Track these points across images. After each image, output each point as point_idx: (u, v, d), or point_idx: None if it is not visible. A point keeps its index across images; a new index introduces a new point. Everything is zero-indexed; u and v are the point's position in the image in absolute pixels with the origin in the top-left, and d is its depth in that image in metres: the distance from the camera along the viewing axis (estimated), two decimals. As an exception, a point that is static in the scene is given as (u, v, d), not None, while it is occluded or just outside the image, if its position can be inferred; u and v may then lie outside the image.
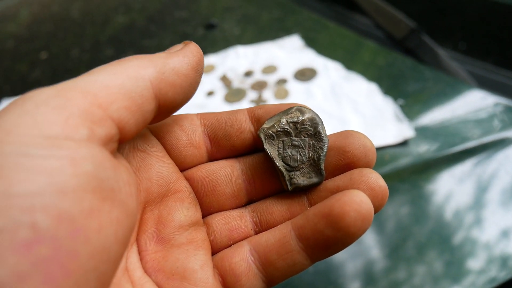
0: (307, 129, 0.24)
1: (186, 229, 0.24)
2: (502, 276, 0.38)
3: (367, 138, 0.23)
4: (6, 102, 0.72)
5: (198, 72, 0.22)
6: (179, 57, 0.21)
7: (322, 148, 0.24)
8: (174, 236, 0.23)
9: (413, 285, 0.38)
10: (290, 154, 0.24)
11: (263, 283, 0.22)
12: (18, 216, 0.13)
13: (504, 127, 0.52)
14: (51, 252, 0.13)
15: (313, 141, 0.24)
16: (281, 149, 0.24)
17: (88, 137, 0.16)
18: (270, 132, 0.24)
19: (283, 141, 0.24)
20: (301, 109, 0.25)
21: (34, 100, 0.16)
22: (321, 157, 0.24)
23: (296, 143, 0.24)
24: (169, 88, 0.20)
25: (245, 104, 0.62)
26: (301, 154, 0.24)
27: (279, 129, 0.24)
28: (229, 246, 0.24)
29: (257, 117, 0.25)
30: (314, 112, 0.25)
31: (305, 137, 0.24)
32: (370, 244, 0.42)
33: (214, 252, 0.24)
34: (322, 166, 0.24)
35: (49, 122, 0.16)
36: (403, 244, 0.42)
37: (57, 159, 0.15)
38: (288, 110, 0.25)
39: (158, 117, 0.21)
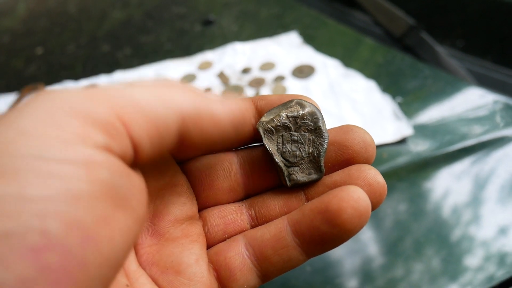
0: (307, 124, 0.24)
1: (182, 223, 0.23)
2: (500, 274, 0.38)
3: (367, 133, 0.23)
4: (1, 98, 0.72)
5: (237, 130, 0.21)
6: (224, 107, 0.20)
7: (322, 144, 0.23)
8: (169, 229, 0.23)
9: (410, 283, 0.38)
10: (290, 150, 0.24)
11: (258, 278, 0.22)
12: (28, 220, 0.13)
13: (503, 125, 0.52)
14: (60, 260, 0.13)
15: (313, 137, 0.24)
16: (280, 144, 0.24)
17: (106, 145, 0.16)
18: (269, 126, 0.24)
19: (282, 136, 0.24)
20: (301, 103, 0.24)
21: (55, 101, 0.16)
22: (321, 153, 0.23)
23: (295, 138, 0.24)
24: (198, 131, 0.19)
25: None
26: (301, 149, 0.24)
27: (278, 123, 0.24)
28: (225, 240, 0.24)
29: (259, 109, 0.24)
30: (314, 105, 0.24)
31: (305, 132, 0.24)
32: (368, 242, 0.42)
33: (209, 246, 0.24)
34: (322, 163, 0.23)
35: (68, 126, 0.15)
36: (401, 242, 0.41)
37: (72, 164, 0.14)
38: (288, 103, 0.24)
39: (182, 154, 0.22)
